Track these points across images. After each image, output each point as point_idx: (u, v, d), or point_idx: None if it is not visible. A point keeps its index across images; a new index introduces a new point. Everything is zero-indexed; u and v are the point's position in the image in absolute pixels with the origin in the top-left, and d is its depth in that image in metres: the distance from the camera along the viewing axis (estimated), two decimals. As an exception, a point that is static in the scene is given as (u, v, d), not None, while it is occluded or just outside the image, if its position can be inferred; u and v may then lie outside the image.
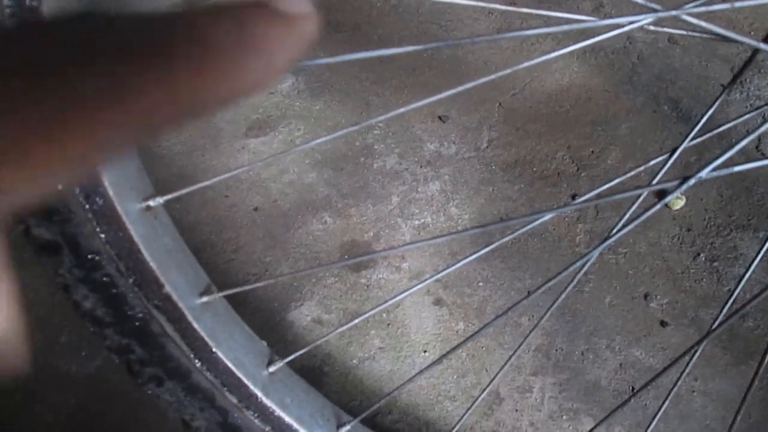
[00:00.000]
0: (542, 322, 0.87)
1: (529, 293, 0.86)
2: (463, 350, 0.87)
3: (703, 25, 0.37)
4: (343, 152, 1.03)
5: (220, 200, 0.96)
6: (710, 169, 0.39)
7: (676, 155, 0.48)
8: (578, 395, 0.85)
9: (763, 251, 0.59)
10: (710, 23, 0.40)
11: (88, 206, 0.49)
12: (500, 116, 1.09)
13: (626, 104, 1.12)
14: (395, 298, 0.58)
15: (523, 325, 0.89)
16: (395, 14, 1.23)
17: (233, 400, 0.57)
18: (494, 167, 1.03)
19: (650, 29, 0.41)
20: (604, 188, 0.63)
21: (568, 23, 0.40)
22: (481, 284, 0.92)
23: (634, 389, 0.85)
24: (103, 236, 0.50)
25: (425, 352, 0.87)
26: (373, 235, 0.95)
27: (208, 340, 0.56)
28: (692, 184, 0.40)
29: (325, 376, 0.84)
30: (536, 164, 1.04)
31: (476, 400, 0.59)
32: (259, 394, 0.58)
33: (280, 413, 0.59)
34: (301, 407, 0.62)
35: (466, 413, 0.59)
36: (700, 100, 1.14)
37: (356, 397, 0.83)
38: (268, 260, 0.93)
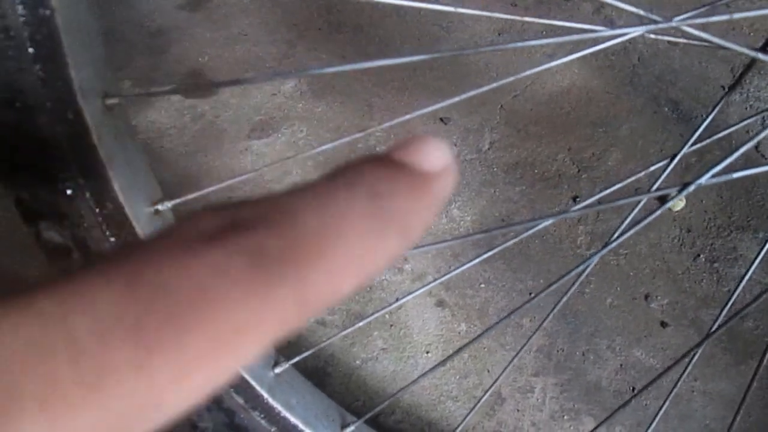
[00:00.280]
0: (544, 324, 0.87)
1: (531, 295, 0.87)
2: (464, 351, 0.88)
3: (700, 35, 0.38)
4: (345, 154, 1.04)
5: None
6: (710, 175, 0.40)
7: (675, 161, 0.49)
8: (579, 395, 0.86)
9: (762, 252, 0.60)
10: (707, 32, 0.41)
11: (98, 210, 0.49)
12: (501, 118, 1.10)
13: (627, 105, 1.13)
14: (399, 302, 0.59)
15: (524, 326, 0.89)
16: (397, 15, 1.24)
17: (240, 401, 0.58)
18: (496, 169, 1.04)
19: (650, 37, 0.42)
20: (604, 193, 0.64)
21: (568, 32, 0.41)
22: (483, 286, 0.92)
23: (634, 389, 0.86)
24: (113, 240, 0.50)
25: (428, 353, 0.87)
26: (375, 236, 0.96)
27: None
28: (692, 190, 0.41)
29: (328, 376, 0.85)
30: (537, 166, 1.04)
31: (479, 400, 0.59)
32: (265, 395, 0.59)
33: (285, 414, 0.60)
34: (306, 408, 0.63)
35: (469, 414, 0.60)
36: (700, 101, 1.15)
37: (359, 397, 0.84)
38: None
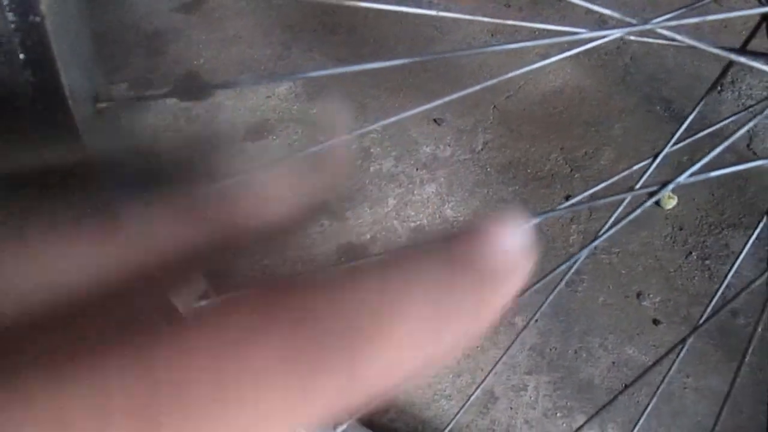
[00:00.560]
0: (536, 322, 0.88)
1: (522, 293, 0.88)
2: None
3: (675, 36, 0.38)
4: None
5: (218, 204, 0.98)
6: (687, 174, 0.40)
7: (658, 160, 0.49)
8: (572, 393, 0.86)
9: (747, 246, 0.61)
10: (696, 33, 0.42)
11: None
12: (495, 118, 1.10)
13: (619, 105, 1.13)
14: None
15: (517, 324, 0.90)
16: (391, 16, 1.25)
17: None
18: (489, 169, 1.04)
19: (629, 39, 0.42)
20: (593, 191, 0.64)
21: (555, 35, 0.42)
22: (476, 285, 0.93)
23: (626, 387, 0.87)
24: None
25: (421, 351, 0.88)
26: (369, 237, 0.97)
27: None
28: (671, 188, 0.41)
29: (323, 376, 0.86)
30: (530, 166, 1.05)
31: (469, 397, 0.60)
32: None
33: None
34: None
35: (459, 411, 0.61)
36: (693, 99, 1.15)
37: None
38: (265, 263, 0.94)
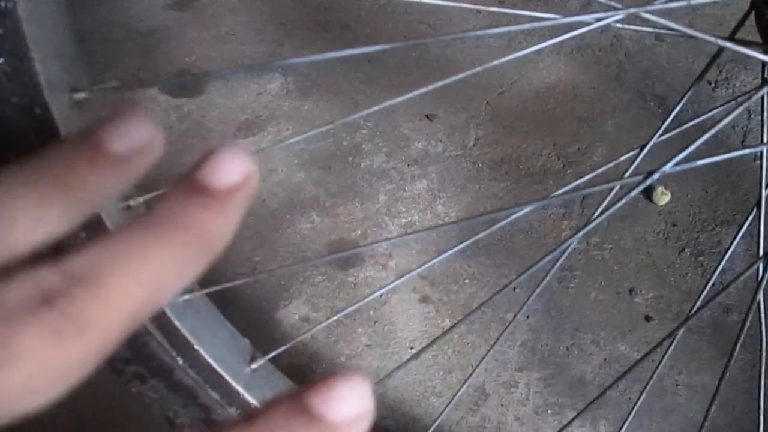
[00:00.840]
0: (528, 318, 0.87)
1: (515, 290, 0.87)
2: (449, 347, 0.88)
3: (665, 23, 0.37)
4: (331, 151, 1.04)
5: (208, 200, 0.97)
6: (674, 162, 0.40)
7: (646, 149, 0.49)
8: (563, 390, 0.85)
9: (737, 239, 0.60)
10: (674, 21, 0.41)
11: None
12: (487, 114, 1.10)
13: (613, 101, 1.13)
14: (375, 293, 0.59)
15: (508, 321, 0.89)
16: (384, 13, 1.24)
17: (215, 396, 0.58)
18: (481, 165, 1.04)
19: (617, 26, 0.42)
20: (582, 180, 0.64)
21: (533, 21, 0.41)
22: (467, 281, 0.92)
23: (618, 383, 0.86)
24: (83, 236, 0.50)
25: (412, 348, 0.87)
26: (360, 233, 0.96)
27: (189, 337, 0.57)
28: (657, 177, 0.41)
29: (312, 373, 0.85)
30: (523, 162, 1.04)
31: (456, 392, 0.59)
32: (241, 390, 0.59)
33: (262, 409, 0.60)
34: (283, 403, 0.63)
35: (446, 407, 0.60)
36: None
37: (343, 393, 0.84)
38: (256, 259, 0.93)
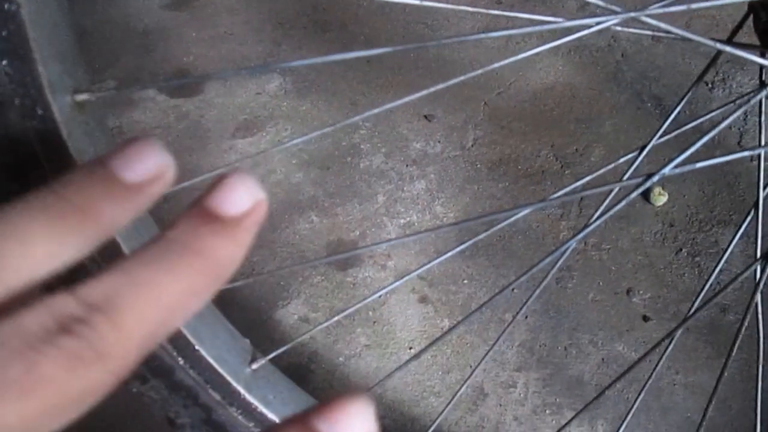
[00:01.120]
0: (526, 318, 0.87)
1: (513, 291, 0.87)
2: (447, 347, 0.88)
3: (663, 26, 0.38)
4: (329, 152, 1.04)
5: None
6: (672, 165, 0.40)
7: (645, 151, 0.49)
8: (561, 390, 0.86)
9: (735, 240, 0.60)
10: (672, 24, 0.41)
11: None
12: (485, 115, 1.10)
13: (610, 102, 1.13)
14: (374, 294, 0.59)
15: (507, 321, 0.90)
16: (382, 14, 1.24)
17: (216, 397, 0.58)
18: (479, 166, 1.04)
19: (616, 29, 0.42)
20: (581, 182, 0.64)
21: (533, 24, 0.41)
22: (465, 282, 0.93)
23: (616, 383, 0.86)
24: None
25: (411, 348, 0.88)
26: (359, 234, 0.96)
27: (190, 338, 0.57)
28: (656, 179, 0.41)
29: (311, 373, 0.85)
30: (521, 162, 1.05)
31: (456, 393, 0.60)
32: (241, 390, 0.59)
33: (263, 410, 0.60)
34: (284, 404, 0.63)
35: (446, 407, 0.60)
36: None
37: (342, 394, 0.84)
38: (255, 260, 0.94)
